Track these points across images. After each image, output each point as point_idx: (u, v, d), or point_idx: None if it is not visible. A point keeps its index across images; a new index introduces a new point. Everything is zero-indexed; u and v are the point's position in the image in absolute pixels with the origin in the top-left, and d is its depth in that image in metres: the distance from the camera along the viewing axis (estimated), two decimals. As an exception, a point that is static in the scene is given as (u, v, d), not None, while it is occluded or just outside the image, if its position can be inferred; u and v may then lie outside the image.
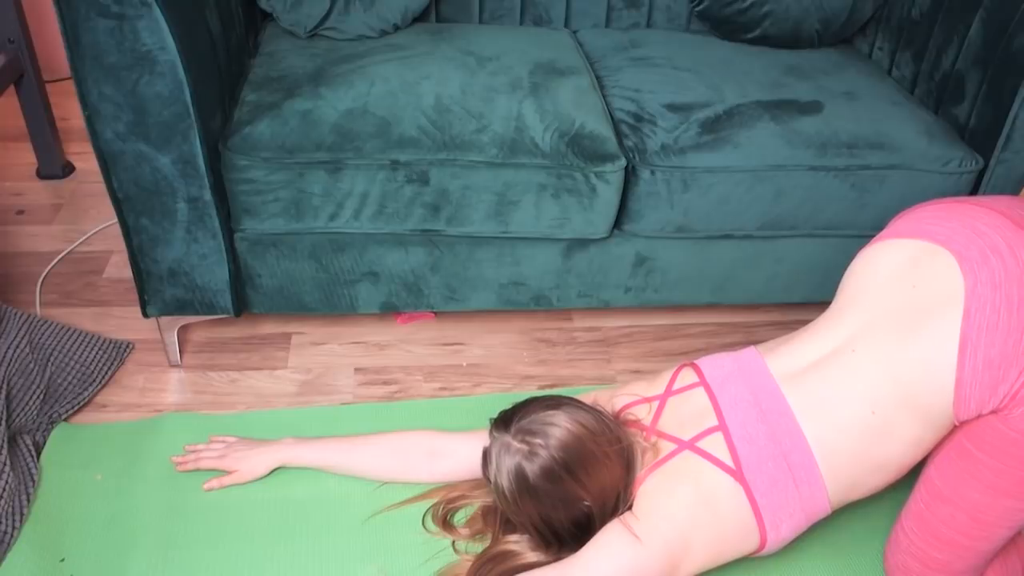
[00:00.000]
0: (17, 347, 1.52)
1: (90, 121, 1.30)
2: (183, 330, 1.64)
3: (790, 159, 1.52)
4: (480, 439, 1.26)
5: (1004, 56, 1.51)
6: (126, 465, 1.40)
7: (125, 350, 1.64)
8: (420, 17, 1.82)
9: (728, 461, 1.15)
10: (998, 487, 1.10)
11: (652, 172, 1.50)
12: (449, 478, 1.36)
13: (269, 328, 1.73)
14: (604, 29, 1.98)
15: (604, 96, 1.66)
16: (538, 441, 1.14)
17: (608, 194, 1.49)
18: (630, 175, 1.51)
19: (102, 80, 1.26)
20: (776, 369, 1.20)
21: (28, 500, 1.32)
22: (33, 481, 1.35)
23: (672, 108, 1.59)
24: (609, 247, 1.59)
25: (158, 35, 1.23)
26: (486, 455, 1.20)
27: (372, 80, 1.54)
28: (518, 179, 1.46)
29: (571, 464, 1.14)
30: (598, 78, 1.72)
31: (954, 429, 1.13)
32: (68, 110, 2.32)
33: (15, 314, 1.59)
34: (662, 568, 1.12)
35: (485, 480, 1.22)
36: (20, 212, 2.06)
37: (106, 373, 1.58)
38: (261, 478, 1.38)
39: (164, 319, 1.57)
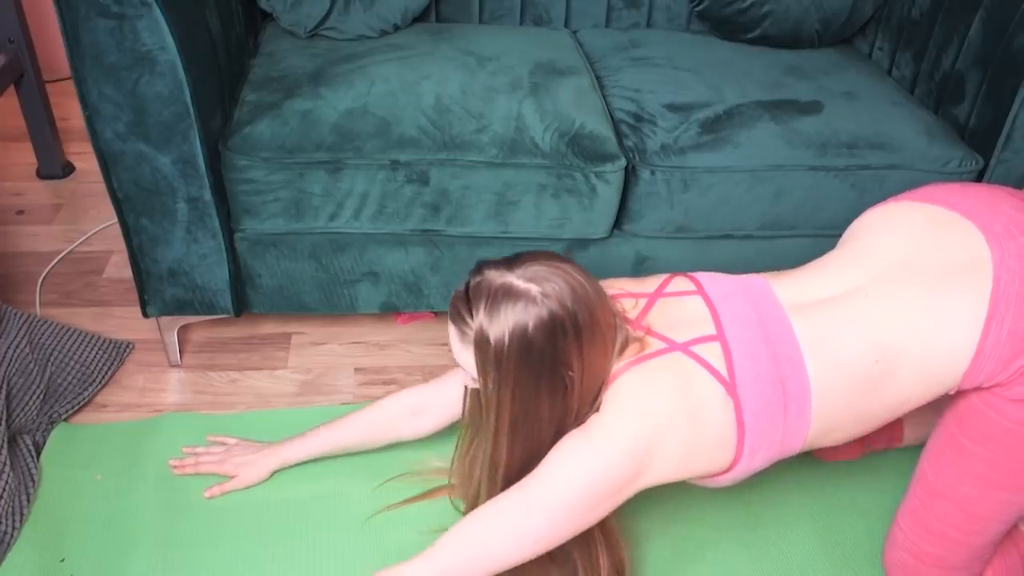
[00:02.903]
0: (17, 347, 1.52)
1: (90, 121, 1.30)
2: (183, 330, 1.64)
3: (790, 159, 1.51)
4: (452, 382, 1.24)
5: (1004, 56, 1.51)
6: (126, 465, 1.40)
7: (125, 350, 1.64)
8: (420, 17, 1.82)
9: (723, 372, 1.07)
10: (990, 479, 1.11)
11: (652, 172, 1.50)
12: (434, 430, 1.35)
13: (269, 328, 1.73)
14: (604, 29, 1.98)
15: (604, 96, 1.66)
16: (551, 286, 1.01)
17: (608, 194, 1.49)
18: (630, 175, 1.51)
19: (102, 80, 1.26)
20: (783, 297, 1.13)
21: (28, 500, 1.32)
22: (33, 481, 1.35)
23: (672, 108, 1.59)
24: (609, 247, 1.59)
25: (158, 35, 1.23)
26: (469, 296, 1.04)
27: (372, 80, 1.54)
28: (518, 179, 1.46)
29: (578, 322, 1.02)
30: (598, 78, 1.72)
31: (945, 421, 1.14)
32: (68, 110, 2.32)
33: (15, 314, 1.59)
34: (627, 472, 1.04)
35: (459, 331, 1.05)
36: (20, 212, 2.06)
37: (106, 373, 1.58)
38: (263, 482, 1.38)
39: (164, 319, 1.57)
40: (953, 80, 1.63)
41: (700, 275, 1.18)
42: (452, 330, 1.07)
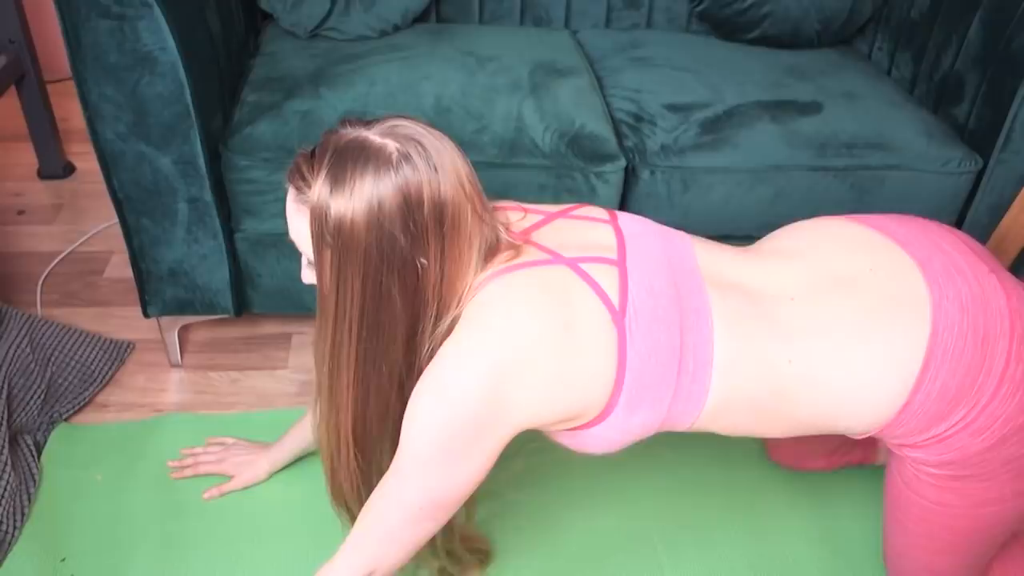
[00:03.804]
0: (18, 347, 1.52)
1: (91, 121, 1.30)
2: (183, 330, 1.64)
3: (790, 159, 1.52)
4: None
5: (1003, 56, 1.51)
6: (127, 465, 1.40)
7: (126, 350, 1.65)
8: (420, 17, 1.82)
9: (613, 298, 0.92)
10: (936, 549, 1.09)
11: (652, 172, 1.50)
12: None
13: (269, 328, 1.73)
14: (604, 29, 1.98)
15: (604, 96, 1.66)
16: (413, 147, 0.85)
17: (608, 194, 1.49)
18: (630, 175, 1.51)
19: (103, 81, 1.26)
20: (704, 265, 1.00)
21: (29, 500, 1.32)
22: (34, 481, 1.35)
23: (672, 108, 1.59)
24: (609, 247, 1.59)
25: (159, 36, 1.24)
26: (315, 153, 0.87)
27: (372, 80, 1.54)
28: (518, 179, 1.47)
29: (440, 196, 0.85)
30: (598, 78, 1.73)
31: (886, 505, 1.12)
32: (69, 110, 2.32)
33: (16, 314, 1.59)
34: (486, 406, 0.89)
35: (296, 192, 0.88)
36: (21, 212, 2.06)
37: (107, 373, 1.58)
38: (262, 482, 1.38)
39: (165, 319, 1.58)
40: (952, 80, 1.64)
41: (619, 211, 1.07)
42: (289, 193, 0.90)
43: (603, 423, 0.96)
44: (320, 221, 0.85)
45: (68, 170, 2.21)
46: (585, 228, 1.01)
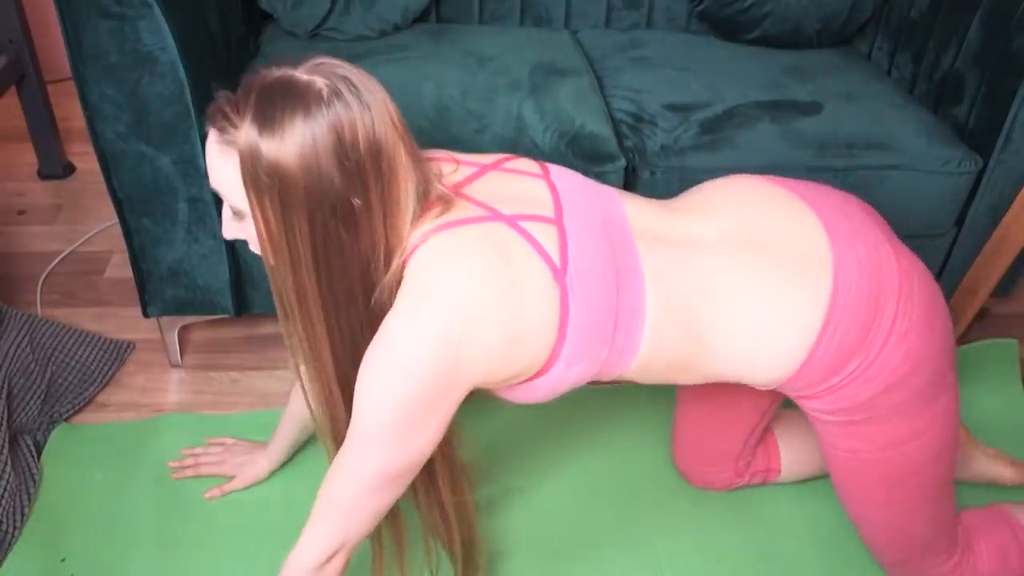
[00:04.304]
0: (18, 347, 1.52)
1: (91, 121, 1.30)
2: (184, 330, 1.64)
3: (789, 160, 1.52)
4: None
5: (1003, 56, 1.51)
6: (127, 465, 1.41)
7: (126, 350, 1.65)
8: (420, 17, 1.83)
9: (554, 256, 0.92)
10: (871, 502, 1.14)
11: (652, 172, 1.50)
12: None
13: (270, 328, 1.73)
14: (604, 29, 1.98)
15: (604, 96, 1.66)
16: (343, 84, 0.83)
17: (608, 194, 1.50)
18: (630, 175, 1.51)
19: (103, 80, 1.26)
20: (633, 220, 1.02)
21: (29, 500, 1.32)
22: (34, 481, 1.35)
23: (672, 109, 1.59)
24: (609, 247, 1.59)
25: (159, 35, 1.24)
26: (240, 99, 0.83)
27: (372, 80, 1.54)
28: (518, 179, 1.47)
29: (379, 140, 0.84)
30: (598, 78, 1.73)
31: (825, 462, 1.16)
32: (69, 110, 2.32)
33: (16, 314, 1.59)
34: (439, 377, 0.88)
35: (219, 134, 0.84)
36: (21, 212, 2.06)
37: (107, 373, 1.59)
38: (263, 482, 1.38)
39: (165, 319, 1.58)
40: (952, 80, 1.64)
41: (551, 164, 1.06)
42: (211, 136, 0.86)
43: (543, 376, 0.97)
44: (252, 165, 0.82)
45: (68, 170, 2.22)
46: (518, 182, 1.01)
